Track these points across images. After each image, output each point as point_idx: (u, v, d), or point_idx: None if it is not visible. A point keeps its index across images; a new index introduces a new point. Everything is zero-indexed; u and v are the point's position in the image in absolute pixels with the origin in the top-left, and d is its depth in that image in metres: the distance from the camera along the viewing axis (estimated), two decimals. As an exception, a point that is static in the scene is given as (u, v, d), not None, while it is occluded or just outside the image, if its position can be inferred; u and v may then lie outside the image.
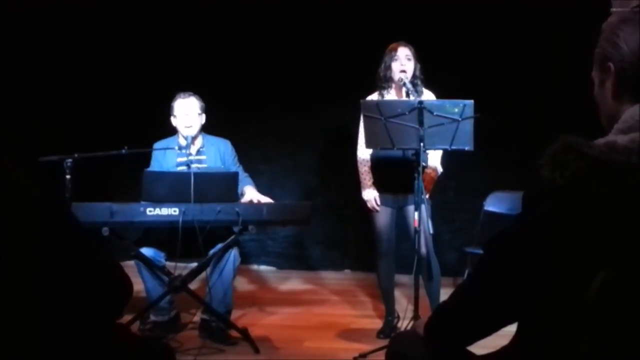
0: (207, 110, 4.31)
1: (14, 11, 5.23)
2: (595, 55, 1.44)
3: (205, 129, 4.35)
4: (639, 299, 1.20)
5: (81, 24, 5.70)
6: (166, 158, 4.27)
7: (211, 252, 3.99)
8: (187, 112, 4.22)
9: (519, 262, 1.30)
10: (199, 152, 4.29)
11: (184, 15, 5.96)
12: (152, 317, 4.09)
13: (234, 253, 4.02)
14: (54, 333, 1.42)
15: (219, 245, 3.98)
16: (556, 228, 1.24)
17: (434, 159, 4.13)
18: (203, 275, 4.10)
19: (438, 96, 4.11)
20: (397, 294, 4.46)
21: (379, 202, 4.14)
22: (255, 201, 4.06)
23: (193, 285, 4.12)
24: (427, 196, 3.96)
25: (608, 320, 1.21)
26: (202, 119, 4.28)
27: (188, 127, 4.20)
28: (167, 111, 4.29)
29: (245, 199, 4.13)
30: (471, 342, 1.49)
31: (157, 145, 4.31)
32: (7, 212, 1.35)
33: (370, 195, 4.16)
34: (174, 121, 4.27)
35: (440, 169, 4.17)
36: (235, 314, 4.46)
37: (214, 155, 4.31)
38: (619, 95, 1.39)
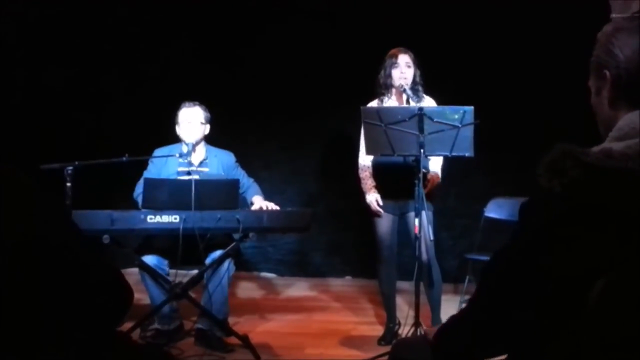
0: (210, 119, 4.31)
1: (13, 17, 5.23)
2: (591, 64, 1.45)
3: (207, 136, 4.35)
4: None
5: (82, 30, 5.71)
6: (167, 166, 4.26)
7: (210, 258, 3.99)
8: (190, 120, 4.23)
9: (521, 272, 1.29)
10: (202, 164, 4.29)
11: (185, 22, 5.97)
12: (156, 325, 4.08)
13: (229, 262, 4.02)
14: (54, 340, 1.41)
15: (219, 252, 3.98)
16: (556, 235, 1.24)
17: (435, 164, 4.13)
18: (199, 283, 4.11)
19: (438, 102, 4.12)
20: (398, 300, 4.45)
21: (381, 204, 4.14)
22: (264, 209, 4.06)
23: (191, 293, 4.11)
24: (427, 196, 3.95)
25: (609, 326, 1.21)
26: (206, 129, 4.28)
27: (189, 134, 4.21)
28: (169, 119, 4.30)
29: (254, 208, 4.13)
30: (481, 358, 1.48)
31: (157, 152, 4.31)
32: (8, 217, 1.35)
33: (372, 198, 4.14)
34: (178, 129, 4.28)
35: (439, 176, 4.17)
36: (236, 321, 4.47)
37: (216, 166, 4.31)
38: (615, 102, 1.40)
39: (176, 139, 4.33)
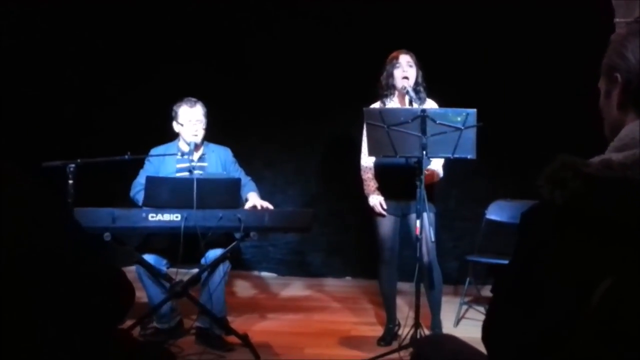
0: (209, 116, 4.30)
1: (14, 16, 5.23)
2: (603, 65, 1.46)
3: (207, 135, 4.34)
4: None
5: (82, 29, 5.71)
6: (165, 164, 4.24)
7: (210, 257, 3.99)
8: (196, 120, 4.21)
9: (528, 284, 1.29)
10: (201, 159, 4.28)
11: (186, 21, 5.97)
12: (155, 324, 4.08)
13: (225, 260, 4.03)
14: (55, 338, 1.42)
15: (219, 251, 3.98)
16: (559, 245, 1.24)
17: (436, 162, 4.12)
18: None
19: (440, 105, 4.11)
20: (399, 301, 4.45)
21: (384, 206, 4.14)
22: (258, 207, 4.06)
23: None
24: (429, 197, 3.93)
25: (610, 333, 1.21)
26: (205, 125, 4.28)
27: (195, 134, 4.20)
28: (169, 117, 4.28)
29: (248, 205, 4.12)
30: None
31: (154, 151, 4.29)
32: (10, 216, 1.35)
33: (376, 200, 4.14)
34: (178, 127, 4.25)
35: (441, 174, 4.16)
36: (235, 320, 4.47)
37: (215, 162, 4.31)
38: (624, 105, 1.40)
39: (172, 136, 4.32)
